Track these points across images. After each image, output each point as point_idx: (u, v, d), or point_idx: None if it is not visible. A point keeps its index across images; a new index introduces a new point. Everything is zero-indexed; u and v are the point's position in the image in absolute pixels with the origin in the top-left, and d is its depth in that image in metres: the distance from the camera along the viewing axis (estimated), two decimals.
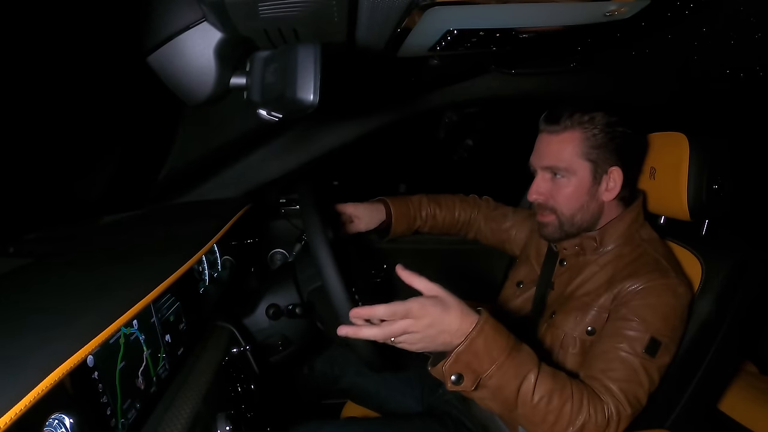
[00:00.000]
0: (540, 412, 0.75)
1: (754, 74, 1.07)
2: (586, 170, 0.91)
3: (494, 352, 0.72)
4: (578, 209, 0.93)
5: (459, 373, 0.72)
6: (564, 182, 0.92)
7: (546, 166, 0.94)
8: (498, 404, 0.76)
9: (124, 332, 0.58)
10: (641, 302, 0.85)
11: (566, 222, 0.94)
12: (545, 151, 0.94)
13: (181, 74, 0.59)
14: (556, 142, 0.92)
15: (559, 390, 0.75)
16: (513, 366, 0.73)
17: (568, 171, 0.91)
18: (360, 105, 1.22)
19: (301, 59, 0.53)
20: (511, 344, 0.74)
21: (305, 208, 0.90)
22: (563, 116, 0.91)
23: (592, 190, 0.93)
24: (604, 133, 0.90)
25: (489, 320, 0.73)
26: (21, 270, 0.65)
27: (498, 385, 0.73)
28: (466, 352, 0.71)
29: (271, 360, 1.04)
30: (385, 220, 1.24)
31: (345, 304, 0.84)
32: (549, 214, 0.95)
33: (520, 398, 0.74)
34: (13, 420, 0.36)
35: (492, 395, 0.74)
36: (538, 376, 0.74)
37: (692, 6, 0.75)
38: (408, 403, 1.20)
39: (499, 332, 0.74)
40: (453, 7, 0.58)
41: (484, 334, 0.71)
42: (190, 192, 1.17)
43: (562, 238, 0.98)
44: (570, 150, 0.90)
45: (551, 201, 0.94)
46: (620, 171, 0.92)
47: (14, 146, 0.79)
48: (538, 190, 0.95)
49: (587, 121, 0.90)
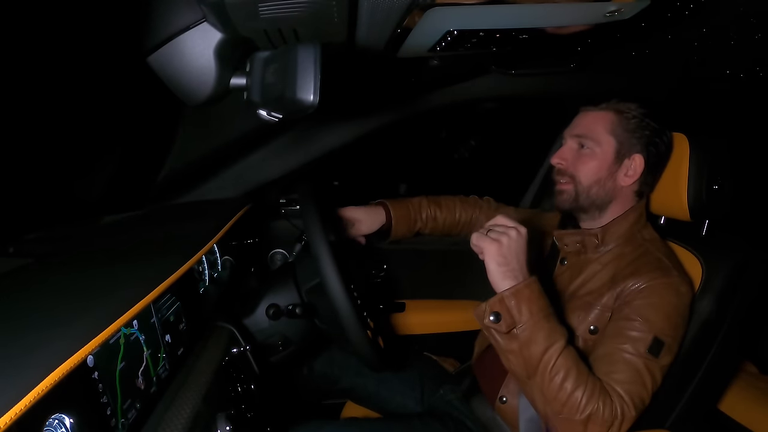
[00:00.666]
0: (554, 387, 0.78)
1: (754, 74, 1.08)
2: (611, 146, 0.95)
3: (534, 308, 0.79)
4: (595, 182, 0.96)
5: (498, 312, 0.79)
6: (588, 153, 0.96)
7: (576, 134, 0.98)
8: (521, 362, 0.80)
9: (124, 332, 0.58)
10: (644, 301, 0.86)
11: (582, 192, 0.97)
12: (579, 122, 1.00)
13: (181, 74, 0.59)
14: (591, 117, 0.98)
15: (576, 372, 0.78)
16: (545, 329, 0.79)
17: (595, 142, 0.95)
18: (360, 105, 1.22)
19: (301, 59, 0.53)
20: (550, 311, 0.81)
21: (305, 208, 0.90)
22: (603, 102, 0.99)
23: (612, 168, 0.96)
24: (637, 120, 0.95)
25: (538, 283, 0.81)
26: (21, 270, 0.65)
27: (527, 339, 0.79)
28: (510, 296, 0.78)
29: (271, 360, 1.04)
30: (385, 223, 1.24)
31: (345, 304, 0.84)
32: (567, 182, 0.98)
33: (542, 364, 0.79)
34: (13, 420, 0.36)
35: (519, 349, 0.80)
36: (564, 348, 0.79)
37: (692, 6, 0.75)
38: (408, 403, 1.20)
39: (543, 297, 0.81)
40: (453, 7, 0.58)
41: (530, 289, 0.79)
42: (190, 192, 1.17)
43: (574, 209, 1.01)
44: (602, 125, 0.96)
45: (571, 168, 0.98)
46: (643, 160, 0.95)
47: (14, 146, 0.79)
48: (562, 155, 0.99)
49: (624, 108, 0.96)
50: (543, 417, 0.85)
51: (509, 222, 0.82)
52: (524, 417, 0.97)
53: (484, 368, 1.12)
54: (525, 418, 0.97)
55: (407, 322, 1.44)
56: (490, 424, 1.05)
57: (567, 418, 0.78)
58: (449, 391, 1.16)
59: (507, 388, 1.01)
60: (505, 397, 1.00)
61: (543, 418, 0.85)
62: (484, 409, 1.07)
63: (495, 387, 1.03)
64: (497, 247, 0.79)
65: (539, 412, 0.85)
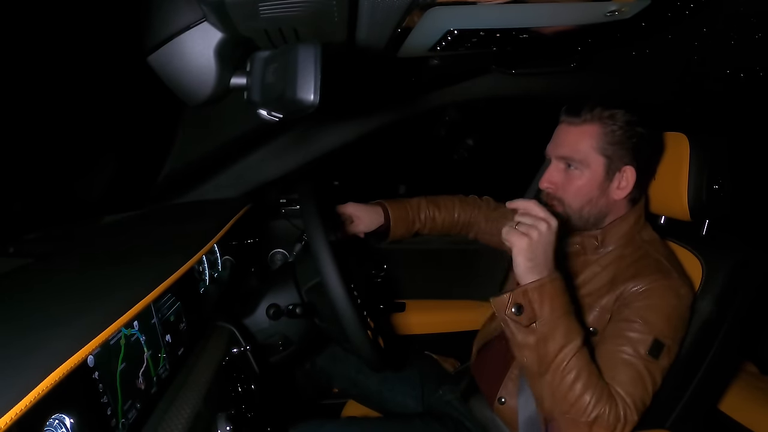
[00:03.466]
0: (565, 386, 0.78)
1: (754, 74, 1.07)
2: (600, 165, 0.91)
3: (556, 304, 0.78)
4: (586, 203, 0.93)
5: (521, 305, 0.78)
6: (577, 174, 0.92)
7: (561, 156, 0.93)
8: (535, 358, 0.80)
9: (124, 333, 0.58)
10: (644, 303, 0.85)
11: (573, 214, 0.94)
12: (563, 141, 0.94)
13: (181, 74, 0.59)
14: (574, 134, 0.92)
15: (587, 374, 0.78)
16: (565, 326, 0.79)
17: (582, 163, 0.91)
18: (360, 105, 1.22)
19: (302, 59, 0.53)
20: (571, 309, 0.81)
21: (305, 208, 0.90)
22: (584, 109, 0.91)
23: (603, 186, 0.92)
24: (623, 130, 0.90)
25: (562, 280, 0.80)
26: (21, 270, 0.65)
27: (546, 335, 0.78)
28: (534, 290, 0.77)
29: (271, 360, 1.04)
30: (384, 224, 1.24)
31: (345, 304, 0.83)
32: (557, 206, 0.94)
33: (556, 362, 0.78)
34: (13, 420, 0.36)
35: (536, 343, 0.79)
36: (579, 348, 0.79)
37: (692, 6, 0.75)
38: (408, 402, 1.20)
39: (566, 294, 0.80)
40: (453, 7, 0.58)
41: (554, 285, 0.79)
42: (189, 192, 1.17)
43: (569, 228, 0.97)
44: (587, 142, 0.90)
45: (560, 192, 0.94)
46: (634, 171, 0.91)
47: (14, 146, 0.79)
48: (550, 179, 0.95)
49: (607, 117, 0.90)
50: (548, 414, 0.85)
51: (540, 212, 0.79)
52: (523, 418, 0.97)
53: (482, 369, 1.12)
54: (524, 419, 0.97)
55: (407, 322, 1.44)
56: (489, 424, 1.05)
57: (573, 419, 0.78)
58: (448, 392, 1.16)
59: (506, 389, 1.01)
60: (504, 398, 1.00)
61: (547, 415, 0.85)
62: (483, 409, 1.07)
63: (494, 388, 1.03)
64: (527, 242, 0.77)
65: (544, 410, 0.84)
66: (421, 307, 1.46)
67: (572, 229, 0.97)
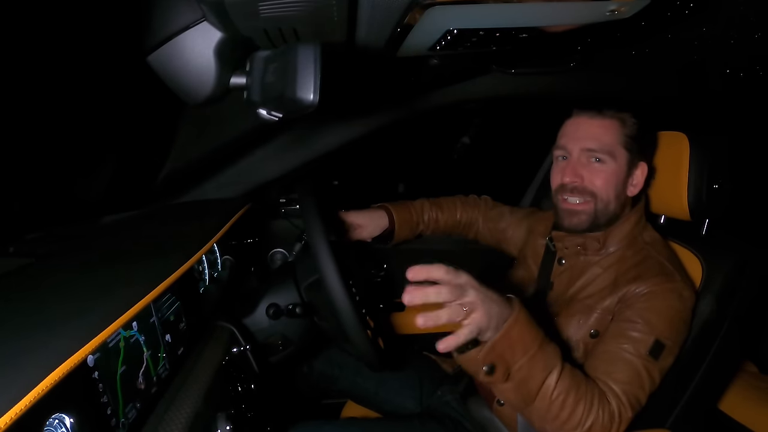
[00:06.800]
0: (555, 408, 0.74)
1: (754, 74, 1.07)
2: (624, 158, 0.91)
3: (527, 340, 0.70)
4: (615, 197, 0.91)
5: (492, 363, 0.68)
6: (603, 167, 0.90)
7: (587, 148, 0.91)
8: (518, 397, 0.73)
9: (123, 335, 0.58)
10: (647, 305, 0.85)
11: (601, 210, 0.91)
12: (586, 134, 0.91)
13: (181, 74, 0.59)
14: (597, 126, 0.91)
15: (575, 388, 0.75)
16: (542, 359, 0.72)
17: (610, 155, 0.90)
18: (360, 105, 1.22)
19: (301, 59, 0.53)
20: (541, 336, 0.73)
21: (305, 207, 0.90)
22: (600, 108, 0.91)
23: (625, 181, 0.92)
24: (637, 127, 0.91)
25: (522, 309, 0.70)
26: (21, 270, 0.65)
27: (525, 377, 0.71)
28: (502, 340, 0.68)
29: (271, 360, 1.04)
30: (388, 227, 1.24)
31: (345, 303, 0.83)
32: (586, 201, 0.91)
33: (541, 392, 0.73)
34: (13, 420, 0.36)
35: (515, 387, 0.72)
36: (561, 371, 0.74)
37: (692, 6, 0.75)
38: (407, 403, 1.20)
39: (531, 323, 0.72)
40: (453, 6, 0.58)
41: (520, 323, 0.69)
42: (190, 192, 1.17)
43: (591, 229, 0.94)
44: (612, 136, 0.90)
45: (590, 185, 0.91)
46: (646, 167, 0.92)
47: (14, 146, 0.79)
48: (576, 172, 0.91)
49: (623, 114, 0.91)
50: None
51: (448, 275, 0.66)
52: (522, 419, 0.97)
53: None
54: (522, 419, 0.97)
55: (407, 322, 1.44)
56: (488, 425, 1.05)
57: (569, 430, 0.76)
58: (447, 392, 1.16)
59: None
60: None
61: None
62: (482, 410, 1.07)
63: None
64: (476, 320, 0.66)
65: (537, 429, 0.81)
66: (421, 307, 1.46)
67: (595, 227, 0.94)
